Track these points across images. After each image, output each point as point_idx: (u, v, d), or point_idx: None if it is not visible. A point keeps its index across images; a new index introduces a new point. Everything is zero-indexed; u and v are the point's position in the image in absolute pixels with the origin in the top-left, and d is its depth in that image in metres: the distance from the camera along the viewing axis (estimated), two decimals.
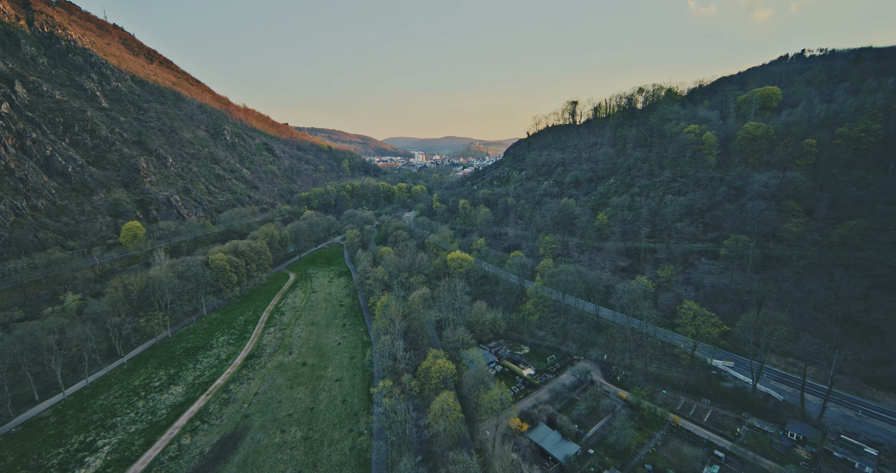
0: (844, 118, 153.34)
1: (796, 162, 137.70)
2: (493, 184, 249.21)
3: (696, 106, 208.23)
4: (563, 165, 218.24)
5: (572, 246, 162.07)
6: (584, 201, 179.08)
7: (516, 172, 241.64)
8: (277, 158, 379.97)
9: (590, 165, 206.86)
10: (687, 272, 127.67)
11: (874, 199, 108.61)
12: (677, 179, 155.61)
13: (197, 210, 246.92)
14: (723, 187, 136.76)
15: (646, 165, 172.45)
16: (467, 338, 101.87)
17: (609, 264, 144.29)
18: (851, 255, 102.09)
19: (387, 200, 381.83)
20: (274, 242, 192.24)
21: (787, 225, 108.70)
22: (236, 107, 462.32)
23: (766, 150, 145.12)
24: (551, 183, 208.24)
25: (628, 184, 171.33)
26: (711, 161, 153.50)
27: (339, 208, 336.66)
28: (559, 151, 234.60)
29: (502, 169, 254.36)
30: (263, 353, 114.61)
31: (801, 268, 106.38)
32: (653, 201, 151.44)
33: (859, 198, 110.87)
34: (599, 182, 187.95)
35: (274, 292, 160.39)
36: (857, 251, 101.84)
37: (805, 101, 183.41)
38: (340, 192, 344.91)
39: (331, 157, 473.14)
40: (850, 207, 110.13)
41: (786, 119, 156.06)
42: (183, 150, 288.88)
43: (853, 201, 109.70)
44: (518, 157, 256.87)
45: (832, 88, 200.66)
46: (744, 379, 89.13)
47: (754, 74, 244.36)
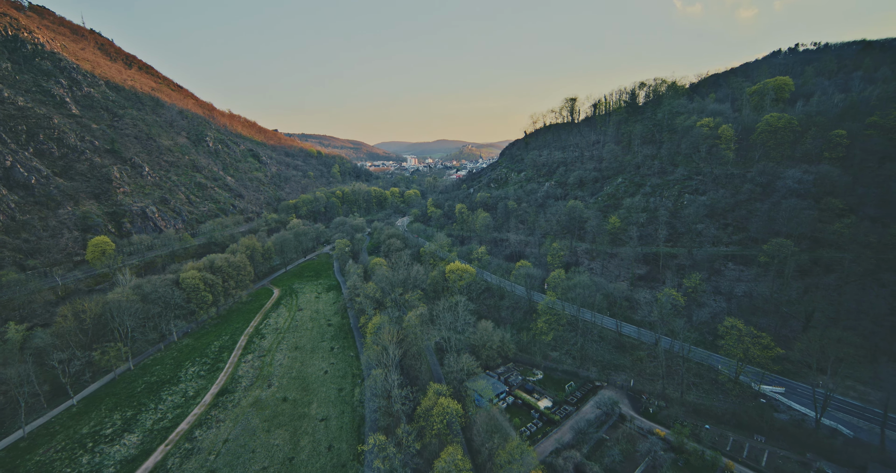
0: (867, 108, 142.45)
1: (825, 155, 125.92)
2: (490, 186, 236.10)
3: (703, 99, 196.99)
4: (564, 165, 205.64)
5: (581, 252, 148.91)
6: (591, 202, 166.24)
7: (514, 173, 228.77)
8: (264, 164, 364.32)
9: (594, 164, 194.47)
10: (714, 280, 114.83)
11: None
12: (693, 176, 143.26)
13: (175, 222, 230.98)
14: (747, 185, 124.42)
15: (656, 162, 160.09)
16: (473, 366, 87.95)
17: (624, 272, 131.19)
18: None
19: (379, 205, 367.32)
20: (256, 255, 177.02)
21: (835, 226, 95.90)
22: (221, 112, 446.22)
23: (790, 143, 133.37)
24: (553, 184, 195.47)
25: (638, 183, 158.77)
26: (729, 157, 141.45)
27: (328, 215, 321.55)
28: (559, 151, 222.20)
29: (499, 170, 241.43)
30: (238, 386, 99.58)
31: (848, 274, 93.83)
32: (669, 202, 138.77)
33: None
34: (606, 182, 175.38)
35: (255, 312, 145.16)
36: None
37: (820, 91, 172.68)
38: (330, 198, 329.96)
39: (320, 162, 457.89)
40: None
41: (807, 109, 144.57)
42: (161, 158, 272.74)
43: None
44: (516, 157, 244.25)
45: (845, 77, 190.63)
46: (800, 409, 75.98)
47: (762, 65, 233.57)
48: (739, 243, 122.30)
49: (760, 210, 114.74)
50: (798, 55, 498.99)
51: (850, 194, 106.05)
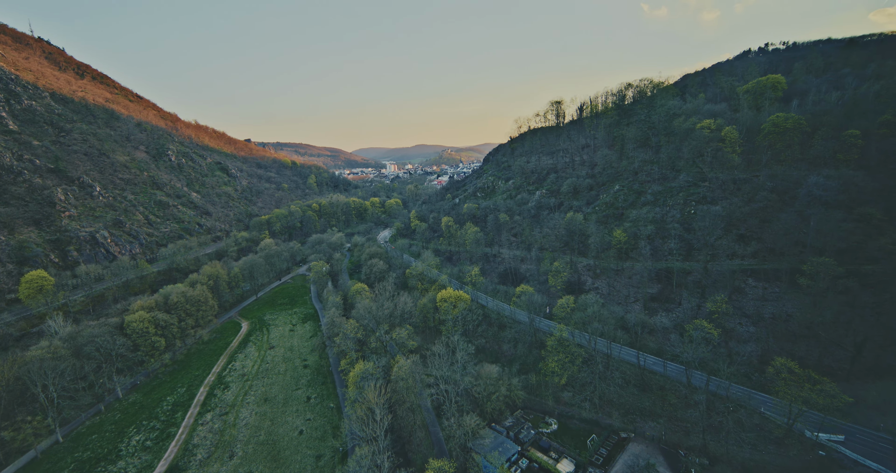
0: (870, 105, 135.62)
1: (838, 157, 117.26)
2: (476, 196, 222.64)
3: (694, 99, 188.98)
4: (555, 172, 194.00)
5: (583, 269, 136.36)
6: (588, 212, 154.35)
7: (502, 181, 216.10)
8: (233, 178, 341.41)
9: (586, 170, 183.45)
10: (736, 300, 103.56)
11: None
12: (698, 183, 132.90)
13: (132, 246, 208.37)
14: (762, 192, 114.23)
15: (655, 168, 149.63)
16: (477, 425, 73.18)
17: (634, 291, 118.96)
18: None
19: (359, 217, 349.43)
20: (221, 284, 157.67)
21: (881, 241, 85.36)
22: (186, 124, 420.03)
23: (799, 144, 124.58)
24: (545, 192, 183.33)
25: (638, 191, 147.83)
26: (735, 160, 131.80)
27: (305, 230, 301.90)
28: (548, 156, 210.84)
29: (485, 178, 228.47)
30: (192, 461, 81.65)
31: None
32: (676, 211, 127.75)
33: None
34: (601, 189, 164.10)
35: (219, 353, 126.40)
36: None
37: (814, 89, 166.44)
38: (306, 212, 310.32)
39: (295, 173, 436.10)
40: None
41: (812, 109, 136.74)
42: (115, 175, 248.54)
43: None
44: (502, 164, 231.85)
45: (835, 74, 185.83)
46: (867, 463, 64.19)
47: (747, 63, 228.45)
48: (756, 256, 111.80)
49: (782, 220, 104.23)
50: (768, 54, 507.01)
51: (881, 202, 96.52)
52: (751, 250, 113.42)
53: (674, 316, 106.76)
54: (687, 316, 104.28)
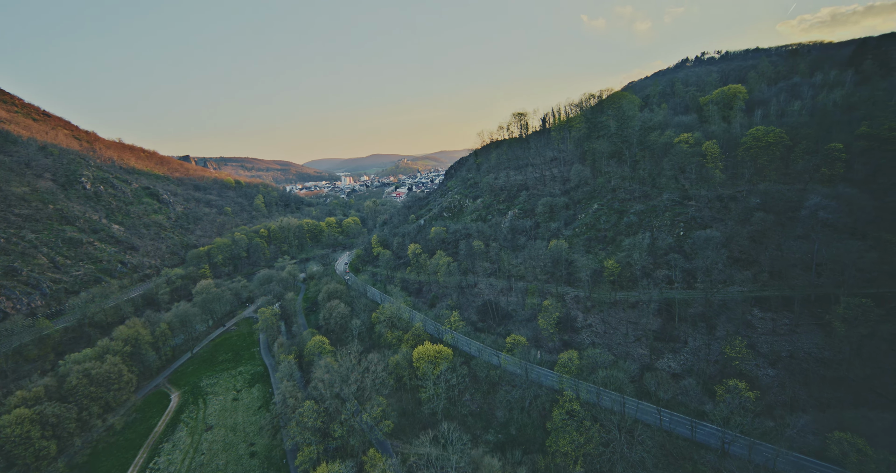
0: (836, 116, 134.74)
1: (823, 171, 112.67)
2: (443, 216, 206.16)
3: (658, 109, 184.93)
4: (526, 189, 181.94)
5: (571, 301, 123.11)
6: (568, 235, 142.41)
7: (469, 200, 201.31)
8: (166, 204, 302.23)
9: (559, 186, 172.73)
10: (746, 335, 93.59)
11: None
12: (684, 201, 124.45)
13: (31, 299, 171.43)
14: (758, 213, 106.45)
15: (635, 184, 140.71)
16: None
17: (633, 328, 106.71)
18: None
19: (314, 240, 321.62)
20: (143, 345, 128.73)
21: None
22: (107, 143, 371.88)
23: (781, 158, 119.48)
24: (517, 212, 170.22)
25: (619, 210, 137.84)
26: (719, 177, 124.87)
27: (252, 259, 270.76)
28: (516, 171, 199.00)
29: (451, 197, 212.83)
30: None
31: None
32: (667, 235, 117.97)
33: None
34: (578, 208, 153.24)
35: (137, 445, 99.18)
36: None
37: (774, 98, 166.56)
38: (254, 239, 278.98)
39: (240, 194, 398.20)
40: None
41: (781, 120, 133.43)
42: (10, 211, 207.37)
43: None
44: (468, 181, 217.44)
45: (787, 83, 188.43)
46: None
47: (686, 72, 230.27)
48: (756, 281, 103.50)
49: (786, 245, 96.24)
50: (703, 63, 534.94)
51: (885, 221, 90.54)
52: (749, 275, 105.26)
53: (682, 359, 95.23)
54: (698, 359, 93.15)
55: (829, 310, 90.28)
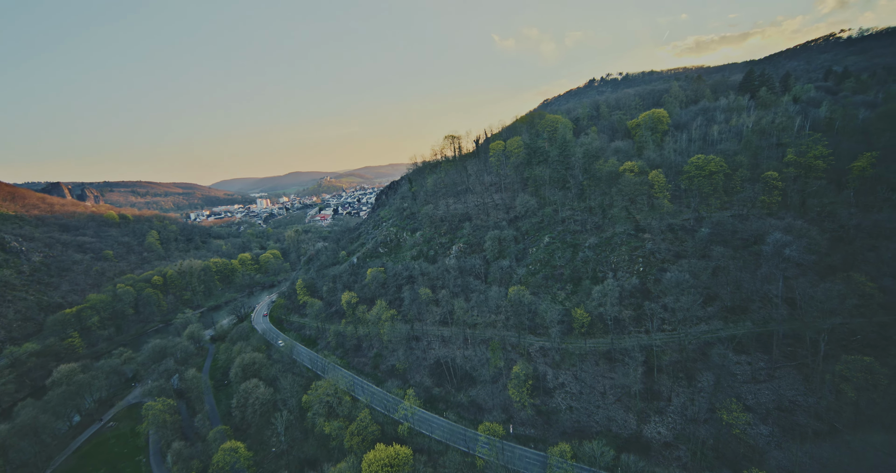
0: (758, 142, 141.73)
1: (762, 200, 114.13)
2: (378, 252, 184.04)
3: (589, 132, 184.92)
4: (468, 220, 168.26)
5: (536, 353, 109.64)
6: (521, 274, 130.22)
7: (407, 233, 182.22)
8: (14, 254, 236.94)
9: (504, 215, 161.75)
10: (726, 384, 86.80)
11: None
12: (639, 234, 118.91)
13: None
14: (718, 247, 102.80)
15: (586, 215, 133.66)
16: None
17: (609, 385, 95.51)
18: None
19: (225, 281, 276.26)
20: None
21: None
22: None
23: (723, 187, 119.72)
24: (463, 247, 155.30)
25: (572, 244, 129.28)
26: (667, 207, 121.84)
27: (144, 315, 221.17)
28: (456, 199, 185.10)
29: (386, 230, 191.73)
30: None
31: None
32: (628, 273, 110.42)
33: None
34: (528, 241, 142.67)
35: None
36: None
37: (692, 122, 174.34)
38: (145, 290, 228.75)
39: (127, 231, 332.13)
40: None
41: (722, 147, 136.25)
42: None
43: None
44: (404, 212, 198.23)
45: (697, 106, 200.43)
46: None
47: (589, 92, 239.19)
48: (721, 317, 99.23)
49: (748, 281, 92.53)
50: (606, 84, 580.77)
51: (833, 254, 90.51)
52: (713, 311, 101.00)
53: (670, 422, 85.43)
54: (686, 420, 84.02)
55: (801, 346, 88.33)
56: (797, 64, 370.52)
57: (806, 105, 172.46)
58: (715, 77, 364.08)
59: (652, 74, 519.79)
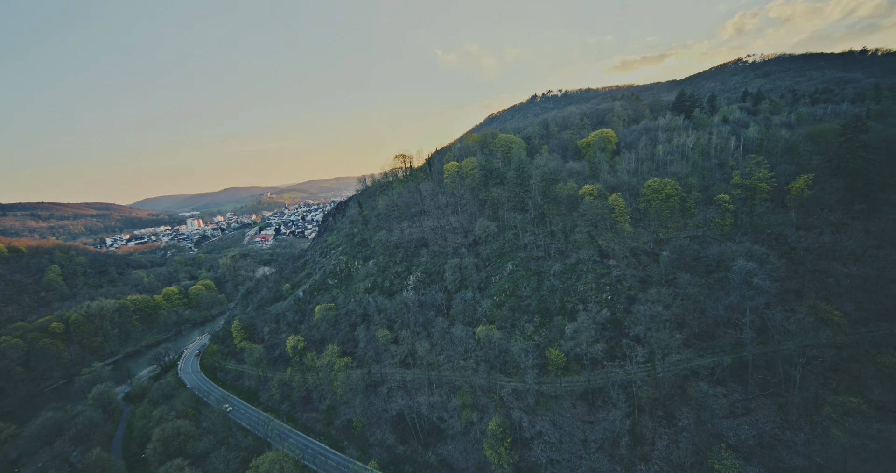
0: (698, 162, 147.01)
1: (716, 222, 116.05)
2: (327, 284, 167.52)
3: (542, 152, 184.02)
4: (426, 245, 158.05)
5: (509, 397, 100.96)
6: (486, 307, 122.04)
7: (359, 261, 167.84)
8: None
9: (462, 240, 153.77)
10: (704, 420, 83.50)
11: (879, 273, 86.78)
12: (603, 260, 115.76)
13: None
14: (682, 274, 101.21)
15: (549, 240, 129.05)
16: None
17: (591, 431, 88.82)
18: None
19: (147, 321, 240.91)
20: None
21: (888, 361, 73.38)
22: None
23: (679, 210, 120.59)
24: (421, 277, 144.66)
25: (536, 272, 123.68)
26: (628, 230, 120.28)
27: (39, 373, 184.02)
28: (410, 222, 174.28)
29: (336, 258, 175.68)
30: None
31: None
32: (598, 304, 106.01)
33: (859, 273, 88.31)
34: (490, 269, 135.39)
35: None
36: None
37: (640, 142, 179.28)
38: (39, 341, 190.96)
39: (18, 267, 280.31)
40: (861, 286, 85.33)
41: (674, 170, 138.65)
42: None
43: (862, 280, 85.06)
44: (353, 237, 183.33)
45: (641, 127, 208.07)
46: None
47: (531, 107, 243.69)
48: (689, 345, 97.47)
49: (712, 309, 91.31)
50: (548, 101, 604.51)
51: (794, 278, 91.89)
52: (682, 339, 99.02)
53: (657, 470, 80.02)
54: (673, 468, 78.98)
55: (772, 373, 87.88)
56: (714, 84, 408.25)
57: (736, 125, 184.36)
58: (645, 95, 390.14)
59: (589, 92, 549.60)
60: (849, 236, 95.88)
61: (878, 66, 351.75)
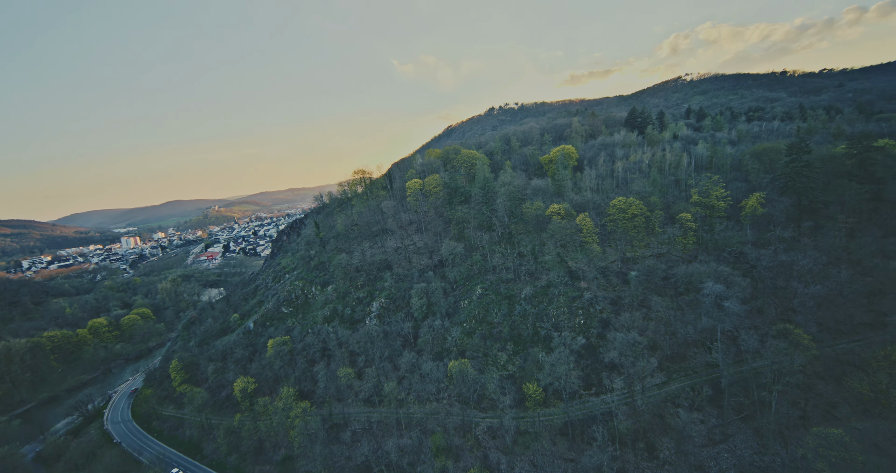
0: (657, 180, 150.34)
1: (678, 240, 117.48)
2: (281, 313, 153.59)
3: (506, 168, 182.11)
4: (389, 268, 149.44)
5: (483, 435, 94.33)
6: (456, 336, 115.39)
7: (317, 287, 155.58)
8: None
9: (428, 261, 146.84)
10: (684, 450, 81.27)
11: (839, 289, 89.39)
12: (574, 282, 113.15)
13: None
14: (654, 297, 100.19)
15: (520, 262, 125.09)
16: None
17: (573, 470, 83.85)
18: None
19: (68, 360, 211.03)
20: None
21: (857, 386, 73.25)
22: None
23: (644, 227, 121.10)
24: (385, 303, 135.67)
25: (506, 295, 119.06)
26: (596, 250, 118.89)
27: None
28: (371, 243, 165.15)
29: (290, 283, 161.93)
30: None
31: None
32: (571, 331, 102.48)
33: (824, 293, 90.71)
34: (458, 293, 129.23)
35: None
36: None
37: (601, 159, 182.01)
38: None
39: None
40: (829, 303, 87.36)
41: (637, 188, 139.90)
42: None
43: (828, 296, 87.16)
44: (310, 260, 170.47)
45: (597, 142, 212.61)
46: None
47: (489, 119, 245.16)
48: (662, 368, 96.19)
49: (683, 333, 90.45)
50: (505, 113, 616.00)
51: (759, 297, 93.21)
52: (655, 362, 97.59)
53: None
54: None
55: (745, 395, 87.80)
56: (658, 100, 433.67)
57: (686, 142, 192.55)
58: (597, 109, 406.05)
59: (544, 105, 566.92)
60: (804, 254, 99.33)
61: (796, 86, 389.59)
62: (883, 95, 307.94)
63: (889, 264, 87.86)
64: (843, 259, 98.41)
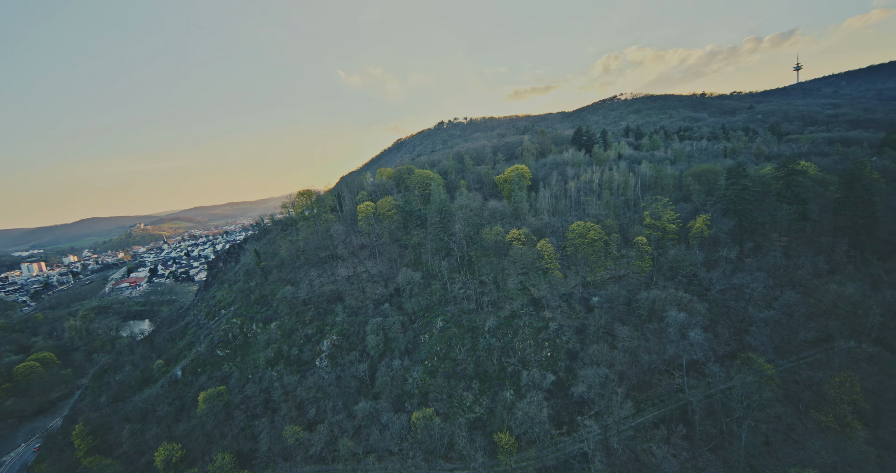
0: (610, 202, 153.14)
1: (636, 264, 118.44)
2: (216, 356, 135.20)
3: (461, 189, 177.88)
4: (341, 300, 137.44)
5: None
6: (417, 378, 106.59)
7: (258, 324, 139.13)
8: None
9: (384, 290, 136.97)
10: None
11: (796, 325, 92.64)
12: (538, 312, 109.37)
13: None
14: (620, 326, 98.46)
15: (481, 291, 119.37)
16: None
17: None
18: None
19: None
20: None
21: (823, 419, 73.88)
22: None
23: (602, 252, 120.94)
24: (336, 341, 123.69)
25: (469, 328, 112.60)
26: (558, 277, 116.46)
27: None
28: (320, 271, 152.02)
29: (227, 321, 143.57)
30: None
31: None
32: (540, 365, 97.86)
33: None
34: (417, 326, 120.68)
35: None
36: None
37: (553, 178, 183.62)
38: None
39: None
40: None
41: (593, 211, 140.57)
42: None
43: None
44: (250, 293, 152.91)
45: (548, 161, 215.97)
46: None
47: (439, 133, 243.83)
48: (630, 398, 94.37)
49: (650, 360, 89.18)
50: (455, 127, 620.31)
51: (719, 324, 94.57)
52: (623, 392, 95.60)
53: None
54: None
55: (711, 424, 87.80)
56: (598, 118, 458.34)
57: (630, 161, 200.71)
58: (542, 125, 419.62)
59: (492, 120, 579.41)
60: (752, 276, 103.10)
61: (715, 107, 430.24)
62: (785, 116, 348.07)
63: (828, 286, 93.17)
64: (785, 280, 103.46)
